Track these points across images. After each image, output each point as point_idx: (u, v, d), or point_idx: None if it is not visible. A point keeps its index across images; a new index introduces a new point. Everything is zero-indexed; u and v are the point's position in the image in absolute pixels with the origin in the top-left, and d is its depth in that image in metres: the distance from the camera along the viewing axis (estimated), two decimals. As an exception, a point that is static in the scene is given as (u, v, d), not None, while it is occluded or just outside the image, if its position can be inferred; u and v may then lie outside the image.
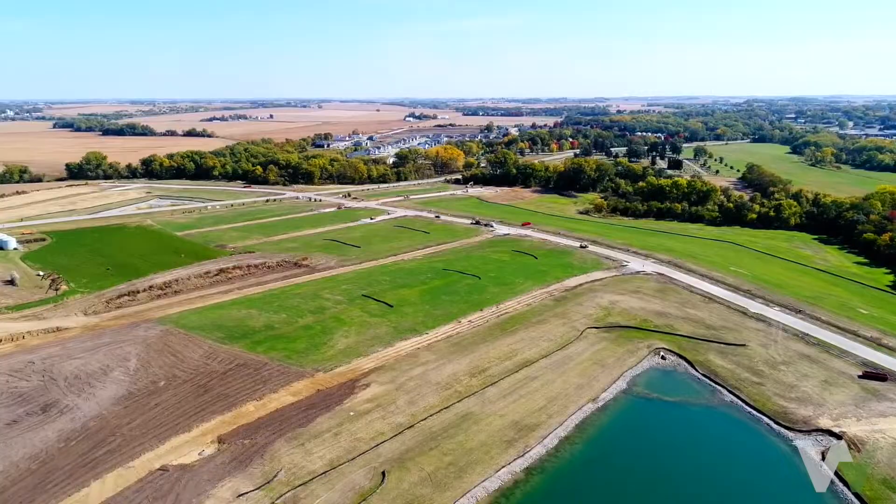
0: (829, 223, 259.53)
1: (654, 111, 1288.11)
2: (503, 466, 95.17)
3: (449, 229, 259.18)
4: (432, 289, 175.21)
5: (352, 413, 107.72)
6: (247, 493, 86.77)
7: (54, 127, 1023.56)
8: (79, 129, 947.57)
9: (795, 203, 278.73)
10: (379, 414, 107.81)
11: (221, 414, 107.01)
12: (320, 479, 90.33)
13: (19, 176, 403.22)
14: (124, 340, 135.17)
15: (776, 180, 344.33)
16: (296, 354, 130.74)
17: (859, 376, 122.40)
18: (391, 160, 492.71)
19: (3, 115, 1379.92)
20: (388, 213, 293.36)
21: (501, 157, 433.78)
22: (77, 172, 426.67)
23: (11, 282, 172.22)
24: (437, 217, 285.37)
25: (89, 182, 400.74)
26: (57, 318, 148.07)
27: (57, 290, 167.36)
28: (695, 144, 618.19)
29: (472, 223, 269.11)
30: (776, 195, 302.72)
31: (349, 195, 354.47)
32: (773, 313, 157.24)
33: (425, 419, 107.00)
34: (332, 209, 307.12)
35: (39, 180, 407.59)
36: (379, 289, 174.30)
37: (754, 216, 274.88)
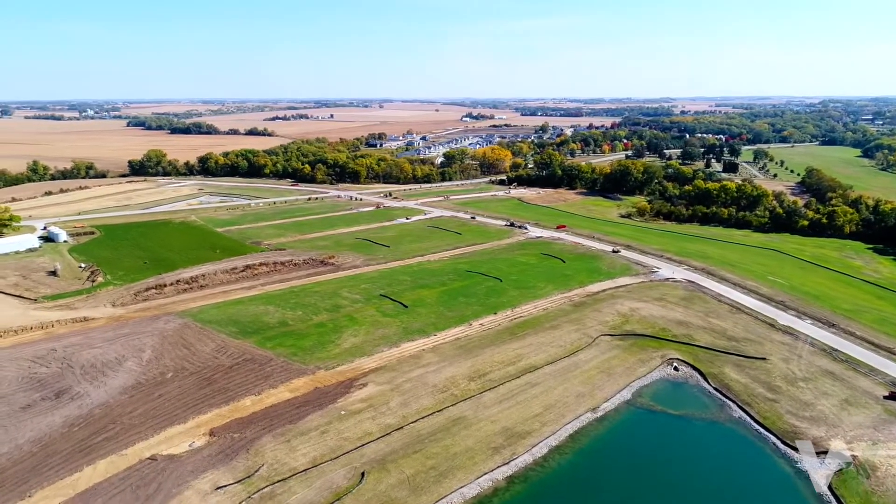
0: (887, 232, 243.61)
1: (720, 112, 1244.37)
2: (485, 473, 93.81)
3: (482, 231, 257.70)
4: (451, 290, 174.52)
5: (343, 412, 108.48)
6: (226, 486, 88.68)
7: (128, 125, 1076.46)
8: (149, 128, 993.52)
9: (852, 210, 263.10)
10: (370, 414, 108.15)
11: (219, 407, 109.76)
12: (300, 476, 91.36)
13: (85, 172, 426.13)
14: (143, 332, 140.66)
15: (835, 185, 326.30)
16: (302, 352, 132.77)
17: (885, 397, 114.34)
18: (439, 160, 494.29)
19: (84, 113, 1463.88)
20: (425, 214, 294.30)
21: (547, 157, 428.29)
22: (138, 169, 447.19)
23: (54, 273, 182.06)
24: (472, 218, 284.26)
25: (148, 178, 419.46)
26: (86, 309, 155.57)
27: (93, 281, 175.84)
28: (756, 147, 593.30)
29: (506, 225, 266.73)
30: (833, 201, 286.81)
31: (390, 194, 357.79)
32: (804, 326, 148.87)
33: (415, 421, 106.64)
34: (371, 208, 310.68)
35: (104, 176, 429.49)
36: (398, 289, 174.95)
37: (806, 223, 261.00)
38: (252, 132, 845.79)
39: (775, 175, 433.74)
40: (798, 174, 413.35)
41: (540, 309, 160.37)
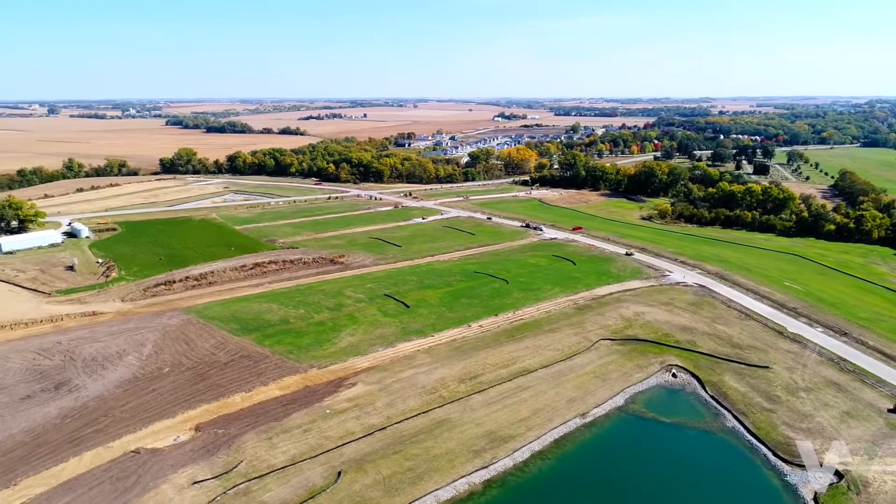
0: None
1: (759, 112, 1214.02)
2: (462, 476, 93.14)
3: (496, 232, 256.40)
4: (455, 291, 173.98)
5: (328, 411, 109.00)
6: (203, 480, 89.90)
7: (166, 124, 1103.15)
8: (186, 127, 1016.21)
9: (882, 214, 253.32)
10: (354, 414, 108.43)
11: (208, 403, 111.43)
12: (277, 473, 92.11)
13: (118, 169, 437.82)
14: (146, 327, 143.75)
15: (868, 188, 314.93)
16: (298, 350, 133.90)
17: (889, 410, 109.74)
18: (465, 160, 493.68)
19: (126, 112, 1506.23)
20: (442, 214, 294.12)
21: (571, 158, 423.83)
22: (169, 167, 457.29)
23: (71, 268, 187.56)
24: (488, 219, 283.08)
25: (177, 176, 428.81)
26: (96, 303, 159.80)
27: (107, 276, 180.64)
28: (792, 148, 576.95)
29: (521, 226, 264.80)
30: (864, 205, 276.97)
31: (409, 194, 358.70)
32: (814, 334, 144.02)
33: (399, 422, 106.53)
34: (389, 208, 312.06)
35: (135, 174, 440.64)
36: (403, 289, 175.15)
37: (832, 227, 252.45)
38: (285, 131, 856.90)
39: (807, 178, 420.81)
40: (832, 177, 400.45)
41: (542, 311, 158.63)
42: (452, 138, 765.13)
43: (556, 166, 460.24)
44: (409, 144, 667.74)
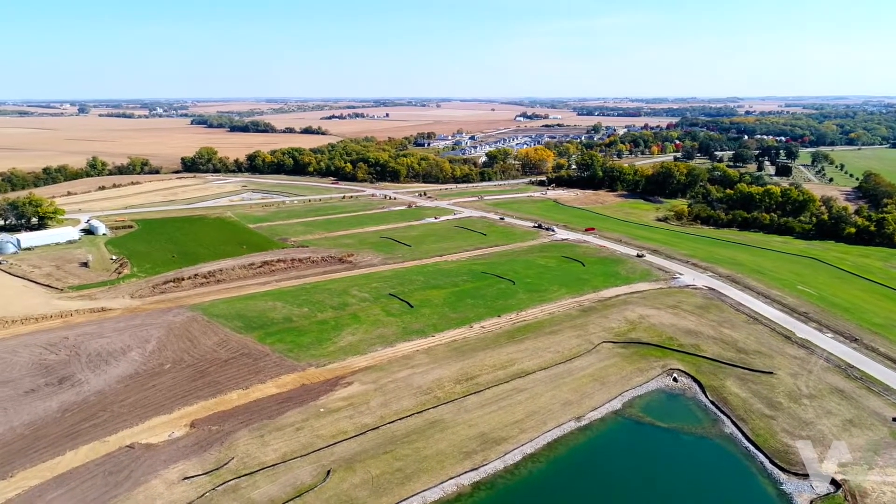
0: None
1: (787, 112, 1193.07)
2: (451, 478, 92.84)
3: (507, 232, 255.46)
4: (460, 291, 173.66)
5: (322, 410, 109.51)
6: (193, 476, 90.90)
7: (191, 123, 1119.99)
8: (211, 126, 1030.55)
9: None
10: (348, 413, 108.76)
11: (205, 399, 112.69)
12: (267, 471, 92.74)
13: (140, 168, 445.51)
14: (152, 324, 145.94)
15: (893, 191, 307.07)
16: (298, 348, 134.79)
17: (894, 419, 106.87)
18: (482, 160, 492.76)
19: (153, 112, 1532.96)
20: (455, 214, 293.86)
21: (588, 158, 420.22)
22: (190, 166, 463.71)
23: (85, 264, 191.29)
24: (501, 219, 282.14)
25: (197, 175, 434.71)
26: (106, 300, 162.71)
27: (119, 273, 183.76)
28: (817, 149, 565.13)
29: (533, 226, 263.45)
30: (888, 207, 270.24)
31: (424, 194, 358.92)
32: (823, 339, 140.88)
33: (392, 422, 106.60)
34: (402, 207, 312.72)
35: (157, 172, 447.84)
36: (408, 288, 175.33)
37: (853, 230, 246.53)
38: (307, 130, 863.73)
39: (831, 179, 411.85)
40: (857, 179, 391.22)
41: (546, 313, 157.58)
42: (472, 138, 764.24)
43: (573, 167, 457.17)
44: (429, 144, 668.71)
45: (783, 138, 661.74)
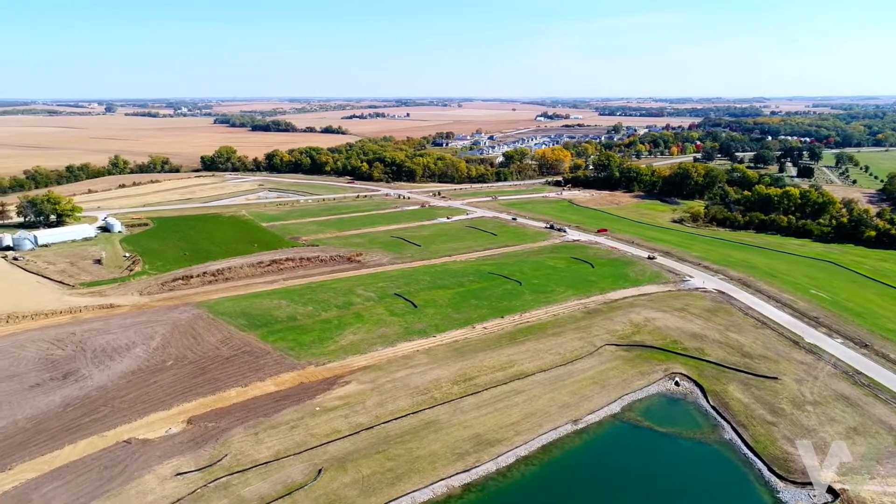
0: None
1: (814, 113, 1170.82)
2: (442, 479, 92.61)
3: (518, 232, 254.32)
4: (466, 292, 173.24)
5: (318, 408, 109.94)
6: (186, 472, 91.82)
7: (214, 122, 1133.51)
8: (233, 125, 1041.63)
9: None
10: (343, 412, 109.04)
11: (204, 396, 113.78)
12: (259, 468, 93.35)
13: (161, 166, 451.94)
14: (158, 321, 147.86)
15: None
16: (299, 347, 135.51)
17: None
18: (499, 160, 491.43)
19: (178, 111, 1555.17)
20: (467, 214, 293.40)
21: (605, 159, 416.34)
22: (210, 164, 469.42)
23: (99, 261, 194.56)
24: (513, 219, 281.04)
25: (216, 174, 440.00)
26: (115, 296, 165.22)
27: (131, 270, 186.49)
28: (842, 150, 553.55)
29: (545, 227, 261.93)
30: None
31: (438, 193, 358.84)
32: (832, 345, 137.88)
33: (387, 422, 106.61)
34: (416, 207, 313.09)
35: (177, 171, 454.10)
36: (414, 288, 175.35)
37: (872, 234, 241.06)
38: (327, 130, 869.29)
39: (854, 181, 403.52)
40: (881, 181, 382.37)
41: (550, 315, 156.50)
42: (490, 138, 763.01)
43: (590, 167, 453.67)
44: (447, 144, 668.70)
45: (807, 139, 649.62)
